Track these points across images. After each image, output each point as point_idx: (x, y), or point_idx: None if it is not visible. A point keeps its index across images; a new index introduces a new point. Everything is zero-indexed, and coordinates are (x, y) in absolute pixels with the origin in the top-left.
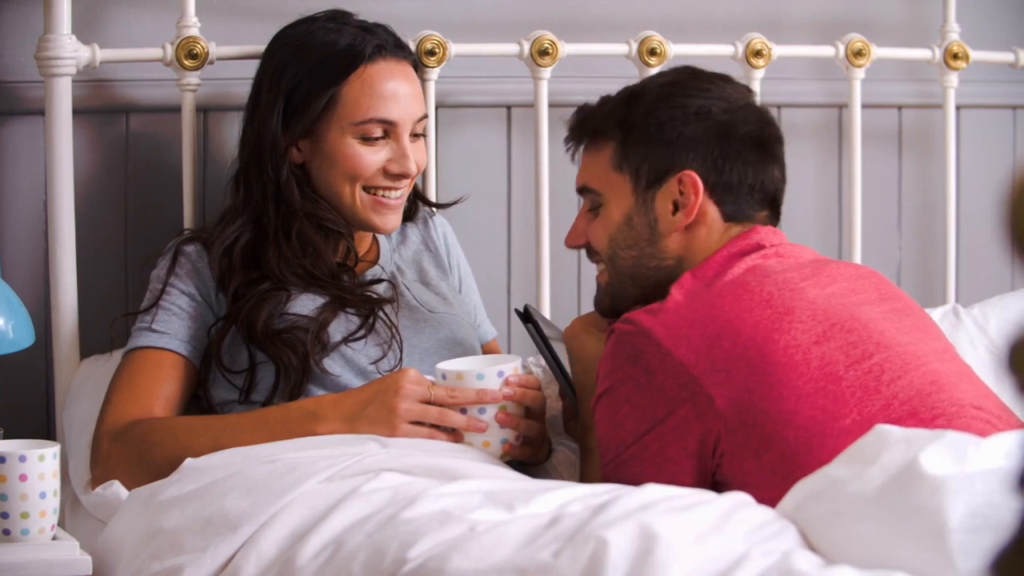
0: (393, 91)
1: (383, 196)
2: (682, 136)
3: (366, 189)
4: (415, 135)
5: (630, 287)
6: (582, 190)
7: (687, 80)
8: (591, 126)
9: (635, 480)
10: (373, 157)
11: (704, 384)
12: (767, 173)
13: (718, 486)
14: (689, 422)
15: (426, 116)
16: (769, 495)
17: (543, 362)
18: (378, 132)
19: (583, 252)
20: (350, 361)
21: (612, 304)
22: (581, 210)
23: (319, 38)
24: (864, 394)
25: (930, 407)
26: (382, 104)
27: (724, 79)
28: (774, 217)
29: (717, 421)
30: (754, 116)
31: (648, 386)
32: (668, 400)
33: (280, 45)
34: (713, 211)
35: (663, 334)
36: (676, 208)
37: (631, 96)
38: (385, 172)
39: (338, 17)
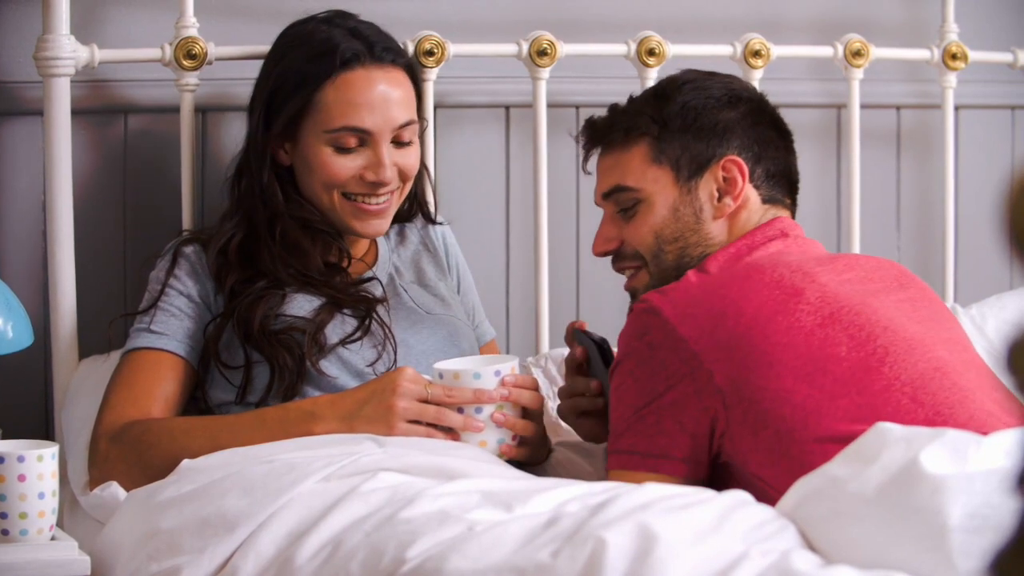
0: (368, 100)
1: (363, 202)
2: (719, 122)
3: (345, 195)
4: (401, 142)
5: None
6: (612, 191)
7: (703, 76)
8: (622, 124)
9: (629, 450)
10: (347, 165)
11: (704, 360)
12: (792, 159)
13: (723, 467)
14: (688, 397)
15: (413, 122)
16: (769, 473)
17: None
18: (352, 141)
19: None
20: (347, 363)
21: None
22: (605, 216)
23: (308, 40)
24: (864, 374)
25: (931, 392)
26: (354, 113)
27: (731, 76)
28: (795, 206)
29: (715, 398)
30: (769, 105)
31: (650, 360)
32: (668, 375)
33: (277, 44)
34: (754, 194)
35: (670, 312)
36: (720, 195)
37: (657, 94)
38: (361, 180)
39: (333, 19)
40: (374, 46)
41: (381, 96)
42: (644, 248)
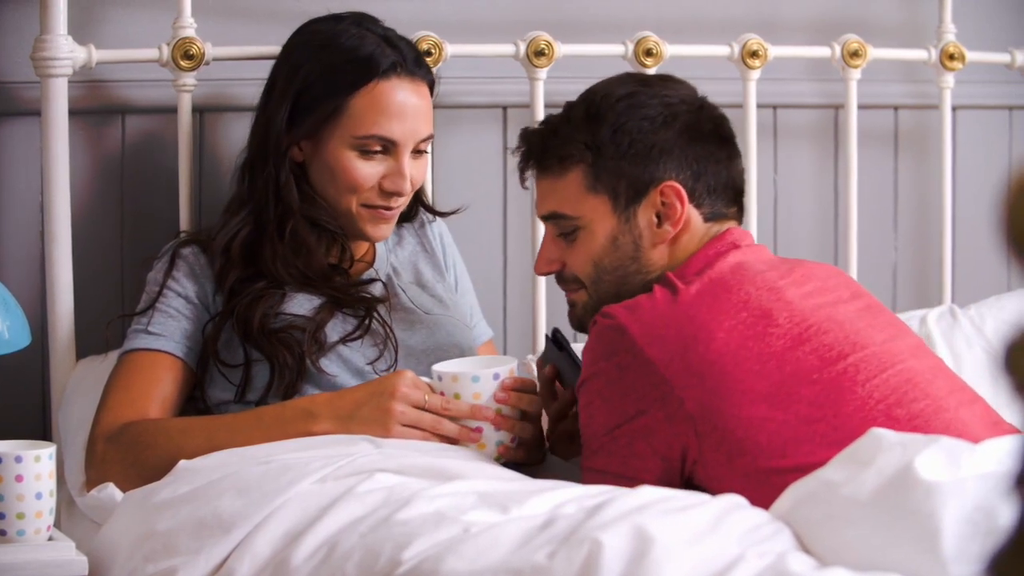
0: (400, 110)
1: (379, 211)
2: (655, 146)
3: (363, 204)
4: (417, 151)
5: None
6: (551, 216)
7: (640, 88)
8: (555, 151)
9: (603, 470)
10: (369, 171)
11: (675, 386)
12: (734, 168)
13: (697, 490)
14: (659, 423)
15: (432, 136)
16: (745, 498)
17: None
18: (377, 147)
19: None
20: (347, 361)
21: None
22: (547, 236)
23: (340, 42)
24: (839, 394)
25: (905, 406)
26: (386, 122)
27: (669, 80)
28: (741, 212)
29: (687, 424)
30: (710, 112)
31: (619, 382)
32: (638, 398)
33: (302, 40)
34: (695, 216)
35: (638, 332)
36: (659, 220)
37: (590, 114)
38: (380, 188)
39: (364, 22)
40: (407, 58)
41: (412, 108)
42: (583, 275)
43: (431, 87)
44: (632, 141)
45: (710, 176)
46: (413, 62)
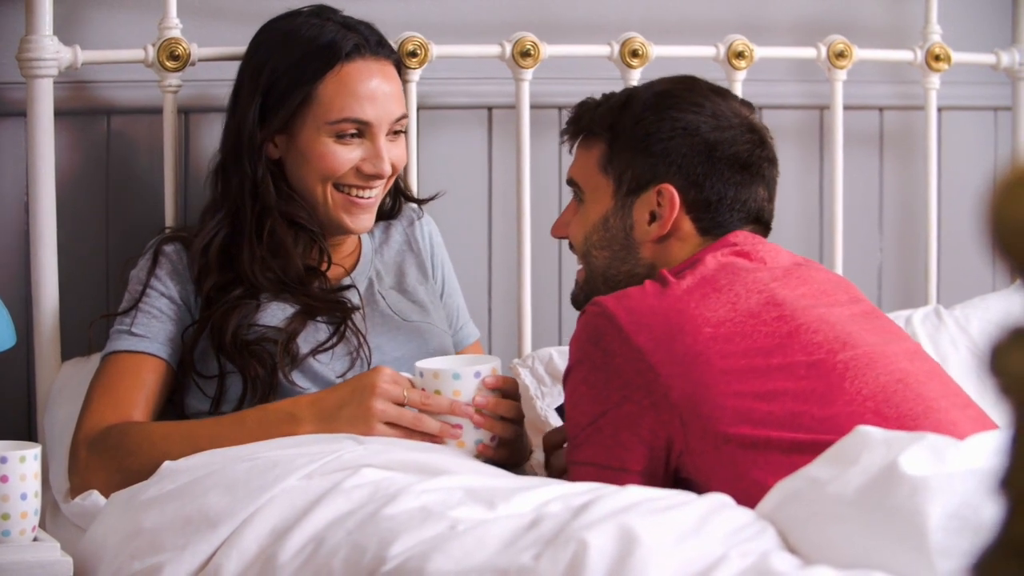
0: (370, 91)
1: (356, 196)
2: (666, 150)
3: (338, 187)
4: (395, 132)
5: (602, 287)
6: (570, 182)
7: (682, 92)
8: (586, 124)
9: (588, 462)
10: (347, 156)
11: (660, 374)
12: (750, 192)
13: (685, 483)
14: (644, 410)
15: (406, 116)
16: (736, 488)
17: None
18: (352, 130)
19: (566, 251)
20: (318, 375)
21: (586, 301)
22: (570, 202)
23: (300, 33)
24: (827, 391)
25: (895, 404)
26: (357, 104)
27: (721, 94)
28: (762, 231)
29: (672, 413)
30: (744, 137)
31: (604, 368)
32: (623, 384)
33: (263, 38)
34: (688, 226)
35: (625, 319)
36: (652, 219)
37: (625, 101)
38: (358, 171)
39: (322, 12)
40: (369, 39)
41: (381, 88)
42: (576, 245)
43: (398, 68)
44: (647, 137)
45: (713, 192)
46: (376, 43)
